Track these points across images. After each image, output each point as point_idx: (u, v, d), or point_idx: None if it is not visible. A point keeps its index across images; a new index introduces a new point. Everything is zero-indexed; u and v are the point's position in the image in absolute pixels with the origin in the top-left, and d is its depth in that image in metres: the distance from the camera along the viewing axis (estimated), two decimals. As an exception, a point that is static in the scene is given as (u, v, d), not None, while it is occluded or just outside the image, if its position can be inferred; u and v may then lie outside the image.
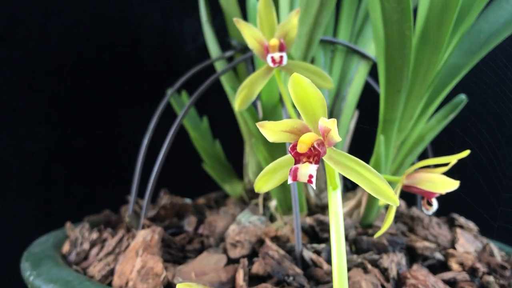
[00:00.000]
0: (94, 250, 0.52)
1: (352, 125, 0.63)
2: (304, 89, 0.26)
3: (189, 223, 0.56)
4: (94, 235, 0.55)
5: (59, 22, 0.92)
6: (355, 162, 0.28)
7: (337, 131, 0.26)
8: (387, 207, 0.66)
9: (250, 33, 0.42)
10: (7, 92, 0.90)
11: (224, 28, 0.71)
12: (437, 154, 0.69)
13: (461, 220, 0.62)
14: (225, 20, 0.69)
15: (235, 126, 0.69)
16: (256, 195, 0.63)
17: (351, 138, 0.64)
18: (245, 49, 0.63)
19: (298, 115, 0.56)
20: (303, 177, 0.26)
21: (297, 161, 0.27)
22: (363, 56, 0.60)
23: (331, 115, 0.60)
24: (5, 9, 0.88)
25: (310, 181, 0.26)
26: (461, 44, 0.55)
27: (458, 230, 0.55)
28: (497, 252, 0.55)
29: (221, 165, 0.70)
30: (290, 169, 0.26)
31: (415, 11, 0.52)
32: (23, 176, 0.92)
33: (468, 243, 0.54)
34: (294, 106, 0.44)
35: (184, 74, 0.69)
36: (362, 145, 0.65)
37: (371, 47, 0.61)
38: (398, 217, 0.60)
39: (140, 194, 0.63)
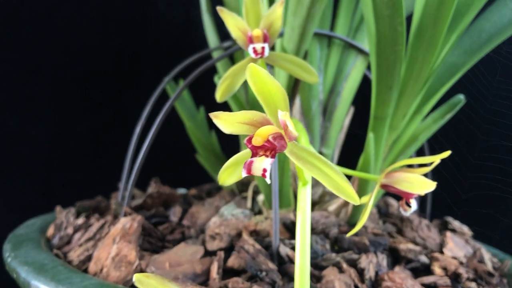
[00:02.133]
0: (77, 235, 0.52)
1: (347, 121, 0.62)
2: (262, 80, 0.25)
3: (174, 213, 0.55)
4: (80, 220, 0.55)
5: (63, 11, 0.93)
6: (316, 158, 0.27)
7: (291, 125, 0.25)
8: (378, 206, 0.65)
9: (233, 23, 0.41)
10: (13, 78, 0.91)
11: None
12: (433, 153, 0.68)
13: (455, 223, 0.60)
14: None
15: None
16: (246, 188, 0.62)
17: (346, 135, 0.63)
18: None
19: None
20: (256, 170, 0.25)
21: (254, 154, 0.26)
22: (361, 51, 0.59)
23: (325, 110, 0.59)
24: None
25: (263, 175, 0.25)
26: (460, 42, 0.53)
27: (448, 234, 0.53)
28: (488, 258, 0.53)
29: (215, 156, 0.69)
30: (245, 162, 0.26)
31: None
32: (26, 161, 0.93)
33: (457, 247, 0.52)
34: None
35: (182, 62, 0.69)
36: (358, 142, 0.64)
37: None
38: (388, 217, 0.59)
39: (137, 183, 0.64)
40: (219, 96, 0.43)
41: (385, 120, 0.50)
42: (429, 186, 0.35)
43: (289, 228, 0.48)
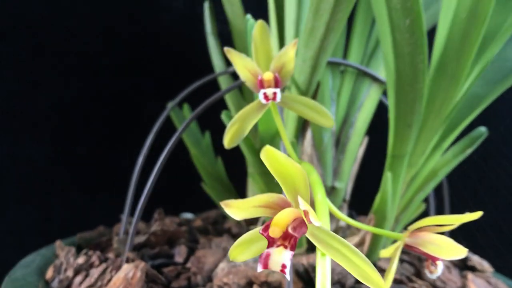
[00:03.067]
0: (78, 279, 0.49)
1: (361, 152, 0.59)
2: (280, 163, 0.22)
3: (180, 253, 0.52)
4: (81, 259, 0.52)
5: (62, 29, 0.90)
6: (340, 243, 0.24)
7: (314, 216, 0.22)
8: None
9: (242, 64, 0.38)
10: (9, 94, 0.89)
11: (230, 40, 0.67)
12: (452, 189, 0.65)
13: (475, 259, 0.57)
14: (231, 31, 0.65)
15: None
16: (255, 221, 0.59)
17: (360, 166, 0.60)
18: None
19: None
20: (275, 265, 0.22)
21: (270, 244, 0.23)
22: (375, 79, 0.55)
23: (338, 142, 0.56)
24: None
25: (283, 271, 0.22)
26: (483, 73, 0.50)
27: (470, 276, 0.50)
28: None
29: (221, 185, 0.66)
30: (261, 254, 0.23)
31: (430, 40, 0.47)
32: (23, 182, 0.90)
33: None
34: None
35: (186, 87, 0.66)
36: (372, 173, 0.61)
37: (384, 70, 0.57)
38: (405, 255, 0.56)
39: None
40: (227, 143, 0.39)
41: (404, 158, 0.47)
42: (460, 252, 0.32)
43: (302, 277, 0.45)
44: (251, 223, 0.61)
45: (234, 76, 0.66)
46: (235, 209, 0.23)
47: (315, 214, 0.22)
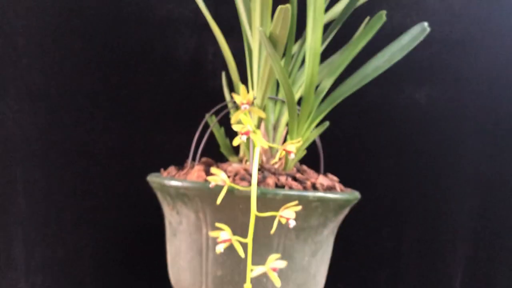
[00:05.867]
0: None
1: (284, 133, 1.34)
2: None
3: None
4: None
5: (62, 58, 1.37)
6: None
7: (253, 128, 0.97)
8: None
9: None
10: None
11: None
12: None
13: (331, 177, 1.31)
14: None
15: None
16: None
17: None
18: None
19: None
20: (243, 131, 0.98)
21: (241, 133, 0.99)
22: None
23: (275, 127, 1.31)
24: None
25: (246, 133, 0.98)
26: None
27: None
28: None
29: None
30: (240, 136, 0.98)
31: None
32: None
33: (324, 179, 1.22)
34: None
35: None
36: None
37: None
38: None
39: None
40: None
41: (293, 132, 1.21)
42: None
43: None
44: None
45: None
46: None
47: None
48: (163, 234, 1.00)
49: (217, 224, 0.74)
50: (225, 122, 1.12)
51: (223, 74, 1.20)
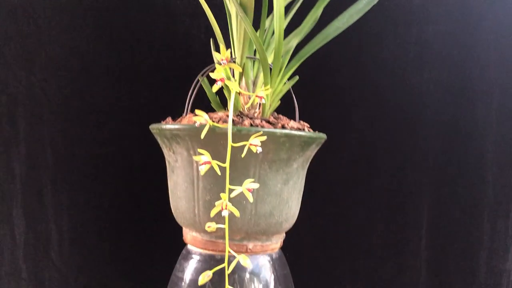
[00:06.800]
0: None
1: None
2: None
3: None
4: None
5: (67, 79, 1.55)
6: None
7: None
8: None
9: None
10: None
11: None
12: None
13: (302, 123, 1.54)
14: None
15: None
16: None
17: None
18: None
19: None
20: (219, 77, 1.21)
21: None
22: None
23: (254, 82, 1.53)
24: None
25: (222, 80, 1.20)
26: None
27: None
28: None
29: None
30: (216, 82, 1.22)
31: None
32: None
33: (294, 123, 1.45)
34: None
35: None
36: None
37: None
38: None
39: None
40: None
41: (268, 84, 1.42)
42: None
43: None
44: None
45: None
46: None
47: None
48: (164, 174, 1.19)
49: (199, 150, 0.95)
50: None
51: (211, 41, 1.32)
